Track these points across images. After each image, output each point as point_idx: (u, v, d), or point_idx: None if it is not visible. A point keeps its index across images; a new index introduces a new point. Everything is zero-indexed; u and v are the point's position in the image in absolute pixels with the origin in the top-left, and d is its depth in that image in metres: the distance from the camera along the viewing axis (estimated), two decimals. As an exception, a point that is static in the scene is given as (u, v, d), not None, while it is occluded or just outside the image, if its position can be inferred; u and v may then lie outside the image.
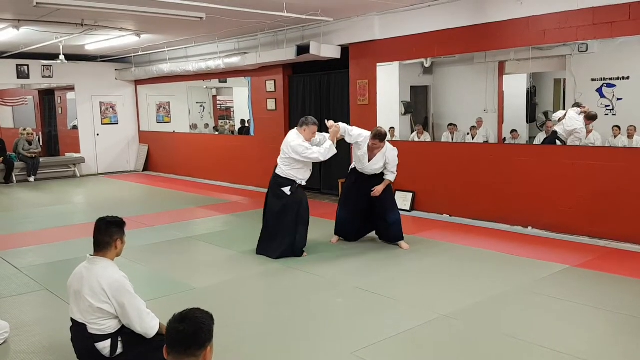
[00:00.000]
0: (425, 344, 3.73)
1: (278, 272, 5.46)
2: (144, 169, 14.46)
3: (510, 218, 7.09)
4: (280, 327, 4.08)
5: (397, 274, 5.31)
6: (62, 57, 10.26)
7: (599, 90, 7.75)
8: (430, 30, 7.70)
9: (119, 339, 3.16)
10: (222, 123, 16.05)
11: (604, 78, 7.70)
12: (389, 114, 9.08)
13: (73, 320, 3.21)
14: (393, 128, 9.02)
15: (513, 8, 6.79)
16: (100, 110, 14.10)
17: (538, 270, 5.22)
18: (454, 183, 7.72)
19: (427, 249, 6.11)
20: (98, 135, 14.09)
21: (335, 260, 5.77)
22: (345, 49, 8.98)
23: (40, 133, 16.51)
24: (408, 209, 8.09)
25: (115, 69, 14.04)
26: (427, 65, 9.47)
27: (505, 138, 9.10)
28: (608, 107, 7.68)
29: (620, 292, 4.62)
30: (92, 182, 12.83)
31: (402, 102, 9.50)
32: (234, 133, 14.21)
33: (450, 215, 7.78)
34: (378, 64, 8.60)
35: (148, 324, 3.09)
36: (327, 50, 8.81)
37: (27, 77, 12.85)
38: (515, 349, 3.61)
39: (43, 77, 13.09)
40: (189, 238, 6.96)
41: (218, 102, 17.04)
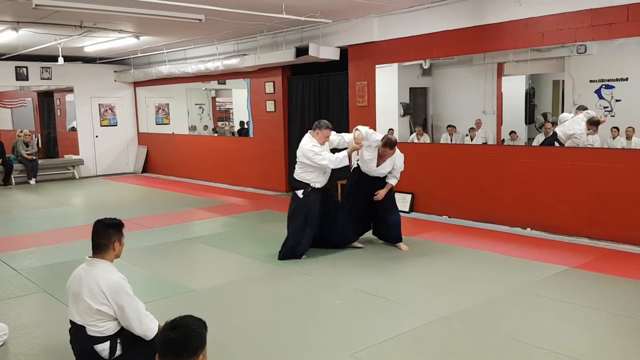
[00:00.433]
0: (425, 346, 3.73)
1: (277, 273, 5.45)
2: (143, 171, 14.46)
3: (510, 219, 7.10)
4: (280, 328, 4.07)
5: (396, 276, 5.31)
6: (61, 59, 10.27)
7: (598, 92, 7.76)
8: (429, 32, 7.71)
9: (118, 341, 3.16)
10: (221, 125, 16.06)
11: (603, 79, 7.70)
12: (388, 116, 9.09)
13: (72, 322, 3.21)
14: (392, 129, 9.03)
15: (512, 10, 6.80)
16: (99, 112, 14.09)
17: (537, 272, 5.22)
18: (453, 184, 7.72)
19: (426, 251, 6.11)
20: (97, 137, 14.08)
21: (334, 262, 5.77)
22: (344, 51, 8.99)
23: (39, 135, 16.51)
24: (407, 211, 8.09)
25: (114, 71, 14.04)
26: (426, 67, 9.48)
27: (504, 139, 9.11)
28: (607, 108, 7.69)
29: (620, 293, 4.62)
30: (91, 184, 12.82)
31: (401, 103, 9.51)
32: (234, 135, 14.22)
33: (450, 217, 7.78)
34: (377, 66, 8.61)
35: (147, 326, 3.09)
36: (326, 52, 8.81)
37: (26, 79, 12.85)
38: (515, 351, 3.60)
39: (42, 79, 13.09)
40: (188, 240, 6.96)
41: (217, 103, 17.06)
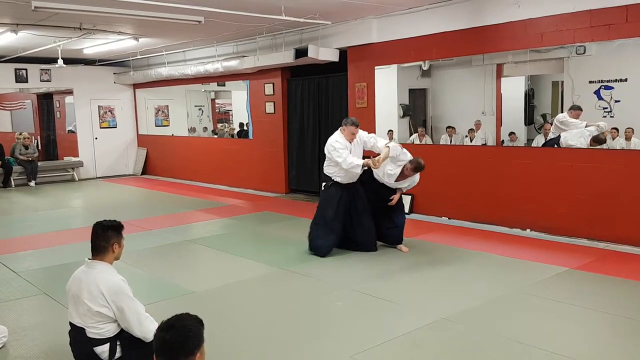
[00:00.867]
0: (425, 347, 3.73)
1: (277, 275, 5.45)
2: (143, 173, 14.46)
3: (509, 220, 7.10)
4: (280, 330, 4.07)
5: (396, 277, 5.30)
6: (60, 61, 10.27)
7: (597, 93, 7.77)
8: (428, 33, 7.72)
9: (118, 343, 3.16)
10: (221, 126, 16.06)
11: (602, 80, 7.71)
12: (388, 117, 9.10)
13: (72, 325, 3.21)
14: (391, 131, 9.03)
15: (510, 11, 6.81)
16: (99, 114, 14.09)
17: (537, 273, 5.22)
18: (453, 186, 7.72)
19: (426, 252, 6.11)
20: (96, 139, 14.08)
21: (334, 263, 5.76)
22: (344, 52, 9.00)
23: (39, 137, 16.51)
24: (407, 212, 8.08)
25: (114, 73, 14.05)
26: (425, 68, 9.49)
27: (504, 140, 9.12)
28: (606, 109, 7.69)
29: (619, 294, 4.62)
30: (90, 186, 12.82)
31: (400, 104, 9.52)
32: (233, 137, 14.22)
33: (449, 218, 7.78)
34: (376, 67, 8.62)
35: (147, 328, 3.09)
36: (325, 54, 8.82)
37: (25, 81, 12.86)
38: (515, 351, 3.60)
39: (41, 81, 13.09)
40: (188, 241, 6.95)
41: (216, 105, 17.07)
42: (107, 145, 14.19)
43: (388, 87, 9.09)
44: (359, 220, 6.08)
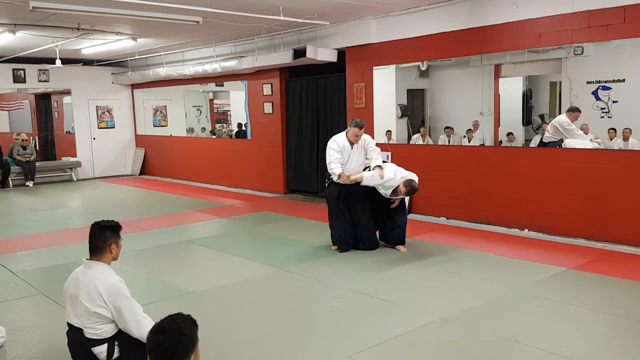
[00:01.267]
0: (423, 347, 3.73)
1: (275, 275, 5.45)
2: (141, 173, 14.44)
3: (507, 220, 7.10)
4: (277, 330, 4.07)
5: (394, 277, 5.30)
6: (58, 61, 10.26)
7: (595, 93, 7.79)
8: (427, 34, 7.72)
9: (116, 343, 3.15)
10: (219, 127, 16.05)
11: (600, 81, 7.73)
12: (386, 117, 9.11)
13: (69, 325, 3.21)
14: (390, 131, 9.04)
15: (509, 11, 6.82)
16: (97, 114, 14.08)
17: (535, 273, 5.23)
18: (451, 186, 7.73)
19: (424, 252, 6.11)
20: (94, 140, 14.07)
21: (332, 263, 5.77)
22: (342, 53, 9.00)
23: (37, 137, 16.49)
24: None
25: (112, 73, 14.03)
26: (423, 69, 9.50)
27: (502, 141, 9.13)
28: (604, 109, 7.71)
29: (617, 294, 4.63)
30: (88, 186, 12.80)
31: (398, 105, 9.52)
32: (231, 137, 14.22)
33: (447, 218, 7.78)
34: (374, 67, 8.62)
35: (145, 328, 3.08)
36: (323, 54, 8.82)
37: (23, 81, 12.84)
38: (513, 351, 3.61)
39: (39, 81, 13.07)
40: (186, 242, 6.95)
41: (215, 105, 17.06)
42: (105, 146, 14.18)
43: (386, 87, 9.09)
44: (359, 220, 6.14)
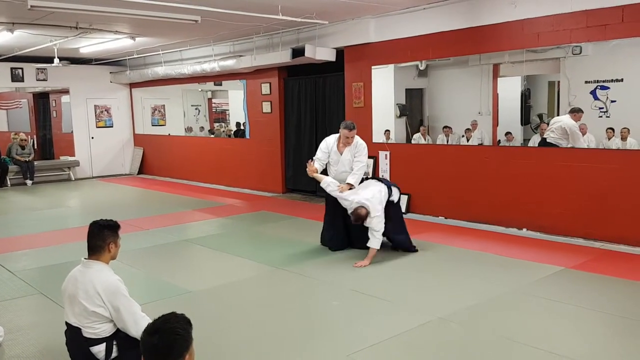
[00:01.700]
0: (422, 347, 3.73)
1: (274, 275, 5.45)
2: (139, 172, 14.43)
3: (506, 220, 7.11)
4: (276, 329, 4.07)
5: (393, 276, 5.31)
6: (56, 60, 10.24)
7: (593, 93, 7.78)
8: (425, 33, 7.73)
9: (114, 343, 3.15)
10: (217, 126, 16.03)
11: (598, 80, 7.72)
12: (385, 117, 9.10)
13: (68, 324, 3.20)
14: (388, 131, 9.04)
15: (507, 11, 6.82)
16: (95, 114, 14.07)
17: (534, 272, 5.24)
18: (449, 185, 7.73)
19: (422, 252, 6.11)
20: (93, 139, 14.05)
21: (331, 263, 5.77)
22: (341, 52, 9.00)
23: (35, 136, 16.47)
24: (404, 212, 8.07)
25: (110, 72, 14.01)
26: (422, 68, 9.48)
27: (500, 140, 9.12)
28: (602, 109, 7.71)
29: (616, 293, 4.64)
30: (86, 185, 12.79)
31: (397, 104, 9.51)
32: (230, 136, 14.20)
33: (446, 218, 7.79)
34: (373, 67, 8.62)
35: (143, 328, 3.08)
36: (322, 53, 8.82)
37: (21, 80, 12.82)
38: (512, 351, 3.61)
39: (37, 80, 13.06)
40: (185, 241, 6.94)
41: (213, 105, 17.03)
42: (103, 145, 14.16)
43: (385, 87, 9.09)
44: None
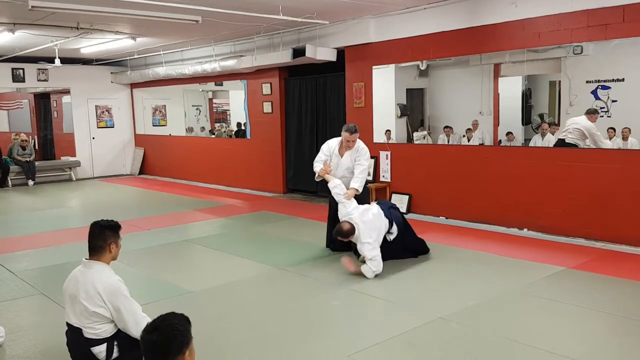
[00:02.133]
0: (422, 347, 3.73)
1: (274, 275, 5.45)
2: (140, 173, 14.44)
3: (506, 220, 7.11)
4: (277, 329, 4.07)
5: (393, 276, 5.30)
6: (57, 60, 10.25)
7: (594, 92, 7.77)
8: (426, 33, 7.73)
9: (115, 343, 3.15)
10: (218, 126, 16.04)
11: (599, 80, 7.71)
12: (385, 117, 9.10)
13: (69, 325, 3.20)
14: (389, 131, 9.03)
15: (508, 11, 6.82)
16: (96, 114, 14.08)
17: (534, 272, 5.23)
18: (450, 185, 7.73)
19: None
20: (94, 139, 14.06)
21: (331, 263, 5.76)
22: (341, 52, 9.00)
23: (36, 137, 16.48)
24: (404, 212, 8.09)
25: (111, 72, 14.02)
26: (422, 68, 9.48)
27: (501, 140, 9.12)
28: (603, 109, 7.70)
29: (616, 293, 4.63)
30: (87, 185, 12.80)
31: (398, 104, 9.51)
32: (231, 136, 14.21)
33: (447, 218, 7.78)
34: (374, 67, 8.62)
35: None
36: (323, 53, 8.82)
37: (22, 80, 12.83)
38: (512, 351, 3.61)
39: (38, 80, 13.07)
40: (186, 241, 6.95)
41: (214, 105, 17.04)
42: (104, 145, 14.17)
43: (386, 86, 9.09)
44: None
